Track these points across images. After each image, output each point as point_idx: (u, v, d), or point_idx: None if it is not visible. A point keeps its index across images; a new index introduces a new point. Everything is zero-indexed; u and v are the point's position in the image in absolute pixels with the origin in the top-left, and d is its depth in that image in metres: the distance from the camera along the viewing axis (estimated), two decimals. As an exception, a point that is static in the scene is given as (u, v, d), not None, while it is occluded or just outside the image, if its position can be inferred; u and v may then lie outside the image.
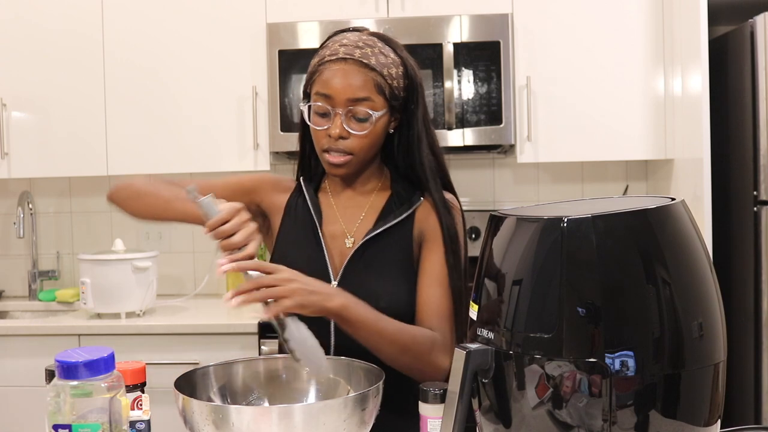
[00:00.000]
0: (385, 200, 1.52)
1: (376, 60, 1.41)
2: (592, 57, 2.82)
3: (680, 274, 0.88)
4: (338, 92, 1.39)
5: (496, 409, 0.94)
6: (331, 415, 1.06)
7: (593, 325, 0.86)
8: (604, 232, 0.87)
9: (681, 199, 0.93)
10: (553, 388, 0.87)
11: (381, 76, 1.40)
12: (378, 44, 1.43)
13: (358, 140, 1.41)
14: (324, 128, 1.41)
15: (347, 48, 1.41)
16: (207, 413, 1.07)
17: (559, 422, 0.87)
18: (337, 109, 1.40)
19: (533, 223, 0.91)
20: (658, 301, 0.86)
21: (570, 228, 0.87)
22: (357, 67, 1.39)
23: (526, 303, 0.89)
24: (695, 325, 0.88)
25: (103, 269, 2.74)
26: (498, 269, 0.94)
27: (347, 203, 1.52)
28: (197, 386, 1.23)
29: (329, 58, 1.41)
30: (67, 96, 2.95)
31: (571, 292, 0.86)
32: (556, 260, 0.87)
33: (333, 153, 1.42)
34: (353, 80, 1.39)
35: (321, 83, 1.41)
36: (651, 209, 0.88)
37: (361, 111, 1.40)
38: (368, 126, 1.41)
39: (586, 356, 0.85)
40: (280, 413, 1.06)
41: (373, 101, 1.40)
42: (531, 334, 0.88)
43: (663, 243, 0.88)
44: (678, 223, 0.90)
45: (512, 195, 3.21)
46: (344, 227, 1.50)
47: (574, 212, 0.89)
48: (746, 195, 2.50)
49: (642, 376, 0.85)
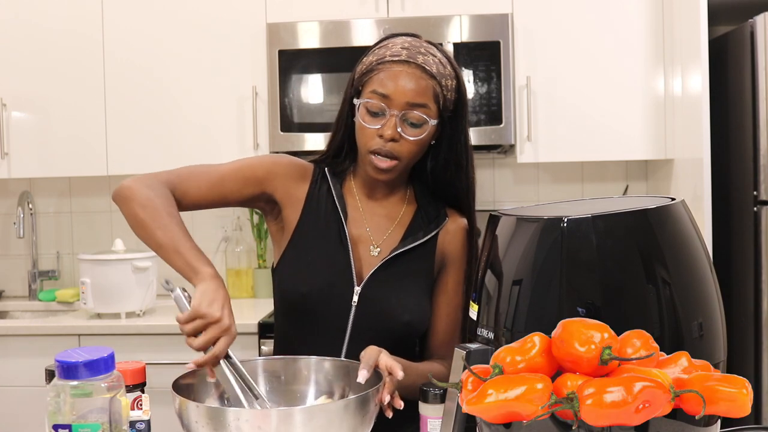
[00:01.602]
0: (412, 214, 1.50)
1: (436, 68, 1.39)
2: (592, 57, 2.82)
3: (680, 274, 0.88)
4: (397, 94, 1.36)
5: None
6: (331, 417, 1.06)
7: None
8: (604, 232, 0.87)
9: (681, 199, 0.93)
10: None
11: (439, 85, 1.39)
12: (438, 54, 1.42)
13: (408, 145, 1.39)
14: (375, 128, 1.38)
15: (410, 51, 1.39)
16: (204, 415, 1.06)
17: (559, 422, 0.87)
18: (392, 110, 1.37)
19: (533, 223, 0.91)
20: (658, 301, 0.86)
21: (570, 228, 0.87)
22: (419, 72, 1.38)
23: (526, 303, 0.89)
24: (695, 325, 0.88)
25: (103, 269, 2.73)
26: (498, 269, 0.94)
27: (377, 210, 1.49)
28: (195, 388, 1.22)
29: (391, 58, 1.39)
30: (67, 96, 2.95)
31: (571, 292, 0.86)
32: (556, 260, 0.87)
33: (380, 156, 1.39)
34: (414, 84, 1.37)
35: (379, 82, 1.38)
36: (651, 209, 0.89)
37: (416, 116, 1.37)
38: (421, 132, 1.39)
39: None
40: (279, 416, 1.05)
41: (429, 108, 1.38)
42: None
43: (663, 243, 0.88)
44: (678, 223, 0.90)
45: (512, 195, 3.21)
46: (370, 234, 1.47)
47: (574, 212, 0.89)
48: (746, 195, 2.50)
49: None
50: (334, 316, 1.42)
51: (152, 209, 1.34)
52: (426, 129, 1.39)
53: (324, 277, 1.42)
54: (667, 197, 0.95)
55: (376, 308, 1.41)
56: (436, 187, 1.50)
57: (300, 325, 1.45)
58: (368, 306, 1.41)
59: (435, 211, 1.50)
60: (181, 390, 1.15)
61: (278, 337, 1.52)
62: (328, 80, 2.84)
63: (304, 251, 1.45)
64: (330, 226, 1.45)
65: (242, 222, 3.19)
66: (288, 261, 1.46)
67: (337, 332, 1.42)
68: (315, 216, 1.47)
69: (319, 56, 2.82)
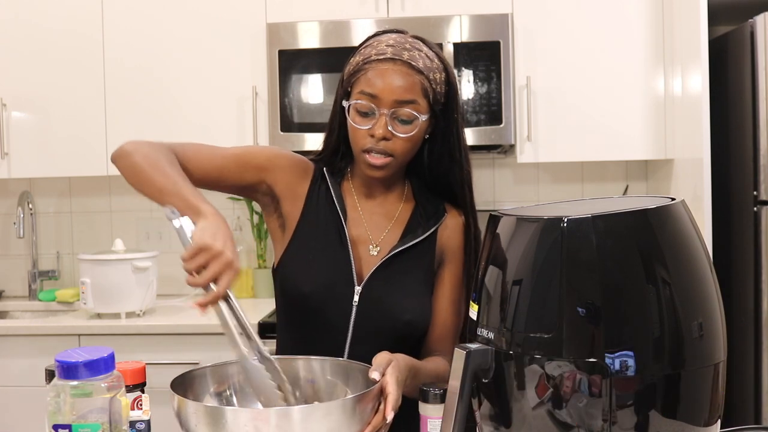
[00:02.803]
0: (410, 211, 1.50)
1: (423, 63, 1.39)
2: (592, 57, 2.82)
3: (680, 274, 0.88)
4: (385, 93, 1.36)
5: (496, 409, 0.94)
6: (329, 417, 1.05)
7: (593, 325, 0.86)
8: (604, 232, 0.87)
9: (681, 199, 0.93)
10: (553, 388, 0.87)
11: (427, 79, 1.39)
12: (423, 48, 1.42)
13: (400, 142, 1.39)
14: (366, 128, 1.39)
15: (395, 48, 1.39)
16: (203, 415, 1.05)
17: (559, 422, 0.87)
18: (382, 109, 1.37)
19: (533, 223, 0.91)
20: (658, 301, 0.86)
21: (570, 228, 0.87)
22: (405, 69, 1.37)
23: (526, 303, 0.89)
24: (695, 325, 0.88)
25: (103, 269, 2.73)
26: (498, 269, 0.94)
27: (375, 209, 1.49)
28: (194, 387, 1.21)
29: (377, 57, 1.38)
30: (67, 96, 2.95)
31: (571, 292, 0.86)
32: (556, 260, 0.87)
33: (374, 154, 1.39)
34: (401, 81, 1.37)
35: (366, 82, 1.38)
36: (651, 209, 0.88)
37: (406, 113, 1.37)
38: (412, 129, 1.38)
39: (586, 356, 0.85)
40: (277, 415, 1.05)
41: (418, 104, 1.38)
42: (531, 334, 0.88)
43: (663, 243, 0.88)
44: (678, 223, 0.90)
45: (512, 195, 3.21)
46: (369, 233, 1.47)
47: (574, 212, 0.89)
48: (746, 195, 2.50)
49: (642, 376, 0.85)
50: (335, 316, 1.42)
51: (154, 159, 1.33)
52: (417, 125, 1.39)
53: (325, 277, 1.42)
54: (667, 197, 0.95)
55: (377, 308, 1.41)
56: (433, 181, 1.50)
57: (302, 325, 1.45)
58: (369, 306, 1.41)
59: (433, 208, 1.50)
60: (179, 389, 1.14)
61: (280, 338, 1.52)
62: (328, 80, 2.84)
63: (305, 251, 1.45)
64: (329, 227, 1.45)
65: (242, 222, 3.19)
66: (289, 260, 1.46)
67: (339, 332, 1.42)
68: (315, 215, 1.47)
69: (319, 56, 2.82)
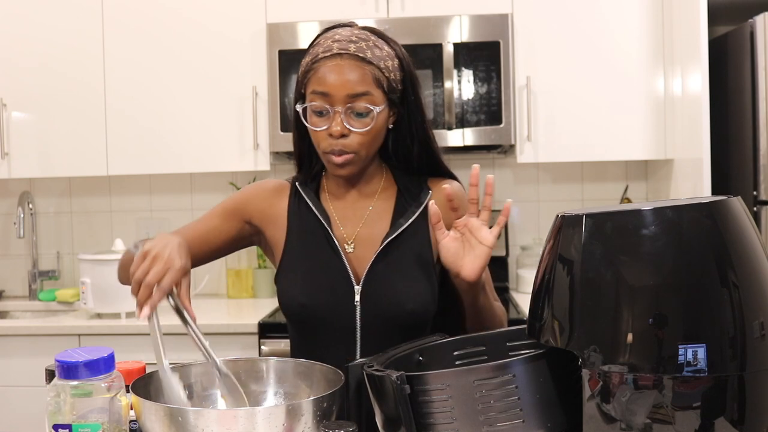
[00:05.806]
0: (393, 199, 1.49)
1: (371, 53, 1.37)
2: (592, 57, 2.82)
3: (744, 272, 0.86)
4: (336, 89, 1.34)
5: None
6: (291, 418, 1.01)
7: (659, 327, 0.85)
8: (669, 226, 0.86)
9: (737, 196, 0.91)
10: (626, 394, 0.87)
11: (378, 69, 1.37)
12: (371, 38, 1.40)
13: (360, 137, 1.37)
14: (323, 128, 1.37)
15: (341, 43, 1.37)
16: (164, 416, 1.00)
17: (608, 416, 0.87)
18: (336, 107, 1.35)
19: (604, 221, 0.89)
20: (731, 300, 0.84)
21: (636, 223, 0.87)
22: (353, 62, 1.35)
23: (596, 302, 0.88)
24: (756, 324, 0.85)
25: (103, 269, 2.73)
26: (563, 268, 0.92)
27: (357, 205, 1.48)
28: (156, 388, 1.17)
29: (323, 55, 1.37)
30: (67, 96, 2.95)
31: (641, 290, 0.86)
32: (625, 258, 0.87)
33: (336, 153, 1.38)
34: (351, 75, 1.35)
35: (317, 81, 1.36)
36: (715, 202, 0.87)
37: (360, 106, 1.35)
38: (369, 121, 1.36)
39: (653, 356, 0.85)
40: (244, 415, 1.00)
41: (372, 95, 1.36)
42: (592, 337, 0.88)
43: (728, 240, 0.87)
44: (739, 219, 0.89)
45: (512, 195, 3.21)
46: (357, 231, 1.46)
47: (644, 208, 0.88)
48: (746, 195, 2.50)
49: (712, 376, 0.83)
50: (341, 319, 1.41)
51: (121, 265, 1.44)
52: (374, 117, 1.37)
53: (323, 285, 1.42)
54: (724, 197, 0.94)
55: (379, 303, 1.40)
56: (408, 165, 1.49)
57: (310, 332, 1.44)
58: (371, 302, 1.41)
59: (417, 188, 1.49)
60: (140, 391, 1.10)
61: (293, 345, 1.52)
62: (328, 80, 2.84)
63: (299, 263, 1.44)
64: (316, 235, 1.44)
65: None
66: (284, 277, 1.46)
67: (347, 333, 1.41)
68: (300, 229, 1.46)
69: (319, 56, 2.82)
